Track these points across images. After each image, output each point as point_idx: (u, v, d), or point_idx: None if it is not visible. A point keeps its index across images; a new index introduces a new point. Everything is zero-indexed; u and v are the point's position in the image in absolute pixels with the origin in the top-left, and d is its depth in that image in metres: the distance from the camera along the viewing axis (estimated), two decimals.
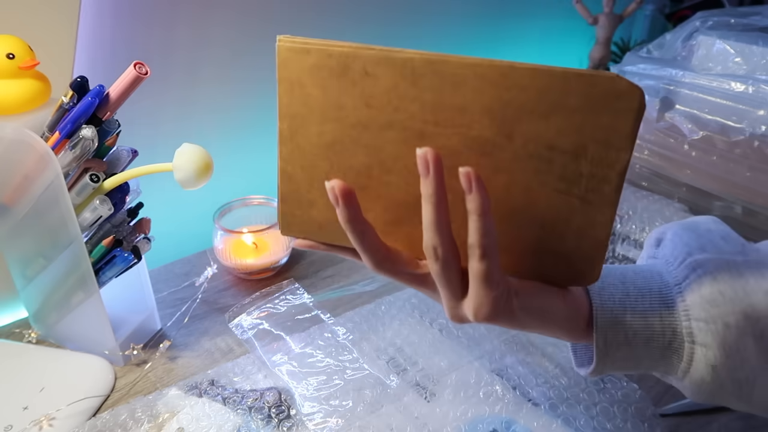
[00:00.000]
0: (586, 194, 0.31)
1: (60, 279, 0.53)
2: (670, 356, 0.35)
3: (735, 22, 0.80)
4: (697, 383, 0.35)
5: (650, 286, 0.36)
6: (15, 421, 0.48)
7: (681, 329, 0.35)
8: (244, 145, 0.82)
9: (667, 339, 0.35)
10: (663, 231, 0.40)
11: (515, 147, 0.31)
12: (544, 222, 0.33)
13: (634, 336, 0.35)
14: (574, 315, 0.36)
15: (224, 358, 0.57)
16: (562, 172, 0.31)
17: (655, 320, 0.35)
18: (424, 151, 0.29)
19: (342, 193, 0.31)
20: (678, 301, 0.35)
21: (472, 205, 0.29)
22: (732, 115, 0.72)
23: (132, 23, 0.65)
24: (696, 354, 0.34)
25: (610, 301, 0.36)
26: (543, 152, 0.30)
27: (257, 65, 0.77)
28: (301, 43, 0.32)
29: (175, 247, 0.73)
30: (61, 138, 0.46)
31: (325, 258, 0.74)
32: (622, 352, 0.36)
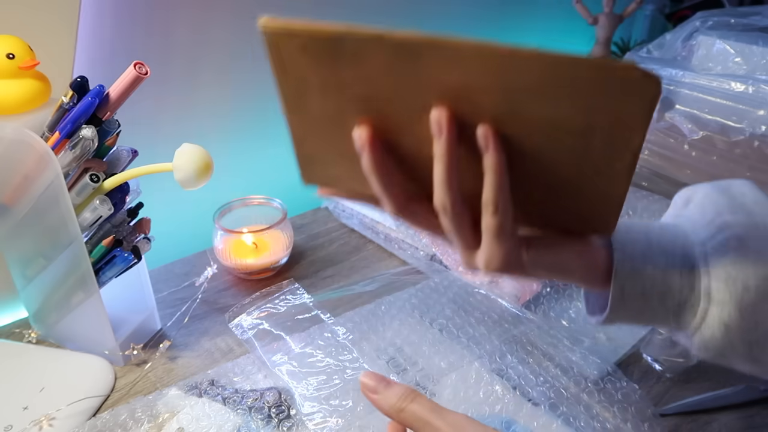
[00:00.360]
0: (598, 168, 0.30)
1: (60, 279, 0.53)
2: (684, 313, 0.36)
3: (735, 22, 0.80)
4: (707, 340, 0.35)
5: (674, 243, 0.36)
6: (15, 421, 0.48)
7: (699, 287, 0.35)
8: (244, 145, 0.82)
9: (684, 295, 0.35)
10: (693, 191, 0.40)
11: (521, 124, 0.29)
12: (558, 184, 0.32)
13: (651, 289, 0.35)
14: (590, 267, 0.36)
15: (224, 358, 0.57)
16: (571, 149, 0.30)
17: (674, 276, 0.35)
18: (438, 114, 0.30)
19: (368, 142, 0.32)
20: (700, 259, 0.35)
21: (489, 161, 0.30)
22: (732, 115, 0.72)
23: (132, 23, 0.65)
24: (710, 312, 0.34)
25: (632, 254, 0.36)
26: (550, 131, 0.29)
27: (257, 65, 0.77)
28: (284, 26, 0.30)
29: (175, 247, 0.73)
30: (61, 138, 0.46)
31: (325, 258, 0.74)
32: (636, 304, 0.36)
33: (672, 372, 0.55)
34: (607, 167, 0.30)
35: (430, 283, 0.66)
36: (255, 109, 0.80)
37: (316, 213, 0.84)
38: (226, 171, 0.73)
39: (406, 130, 0.32)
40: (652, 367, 0.56)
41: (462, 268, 0.67)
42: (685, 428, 0.50)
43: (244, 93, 0.78)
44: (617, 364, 0.56)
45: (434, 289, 0.65)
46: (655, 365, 0.56)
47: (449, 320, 0.60)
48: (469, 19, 1.01)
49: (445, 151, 0.30)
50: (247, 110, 0.79)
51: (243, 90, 0.78)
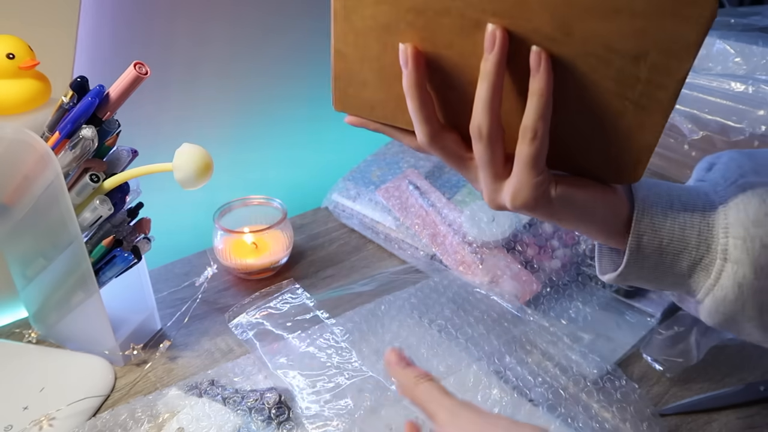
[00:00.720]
0: (640, 99, 0.31)
1: (60, 279, 0.53)
2: (698, 273, 0.36)
3: (735, 22, 0.80)
4: (719, 302, 0.35)
5: (695, 202, 0.36)
6: (15, 421, 0.48)
7: (716, 246, 0.35)
8: (244, 145, 0.82)
9: (700, 254, 0.35)
10: (718, 156, 0.40)
11: (573, 44, 0.30)
12: (594, 119, 0.32)
13: (669, 245, 0.36)
14: (612, 215, 0.36)
15: (224, 358, 0.57)
16: (618, 74, 0.30)
17: (692, 234, 0.35)
18: (494, 27, 0.30)
19: (413, 55, 0.32)
20: (720, 218, 0.35)
21: (536, 85, 0.30)
22: (732, 115, 0.72)
23: (132, 23, 0.65)
24: (725, 271, 0.34)
25: (652, 209, 0.36)
26: (601, 52, 0.30)
27: (257, 65, 0.77)
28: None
29: (175, 247, 0.73)
30: (61, 138, 0.46)
31: (325, 258, 0.74)
32: (652, 260, 0.36)
33: (672, 372, 0.55)
34: (649, 98, 0.31)
35: (429, 282, 0.66)
36: (255, 109, 0.80)
37: (316, 213, 0.84)
38: (226, 171, 0.73)
39: (451, 49, 0.32)
40: (652, 367, 0.56)
41: (462, 268, 0.67)
42: (685, 428, 0.50)
43: (244, 93, 0.78)
44: (617, 364, 0.56)
45: (434, 288, 0.64)
46: (655, 365, 0.56)
47: (448, 321, 0.60)
48: None
49: (494, 68, 0.31)
50: (247, 110, 0.79)
51: (243, 90, 0.78)
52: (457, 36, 0.32)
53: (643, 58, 0.29)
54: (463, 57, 0.33)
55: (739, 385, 0.54)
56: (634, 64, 0.30)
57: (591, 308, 0.63)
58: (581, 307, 0.63)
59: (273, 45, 0.77)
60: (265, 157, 0.85)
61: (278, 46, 0.77)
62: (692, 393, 0.53)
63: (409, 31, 0.33)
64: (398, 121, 0.37)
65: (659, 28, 0.28)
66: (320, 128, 0.87)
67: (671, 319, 0.58)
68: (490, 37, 0.30)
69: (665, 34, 0.28)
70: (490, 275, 0.65)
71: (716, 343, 0.56)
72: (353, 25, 0.34)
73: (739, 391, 0.53)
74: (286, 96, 0.82)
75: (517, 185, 0.34)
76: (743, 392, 0.53)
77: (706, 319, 0.38)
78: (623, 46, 0.29)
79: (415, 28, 0.32)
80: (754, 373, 0.55)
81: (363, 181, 0.81)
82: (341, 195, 0.81)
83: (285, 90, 0.81)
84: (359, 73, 0.36)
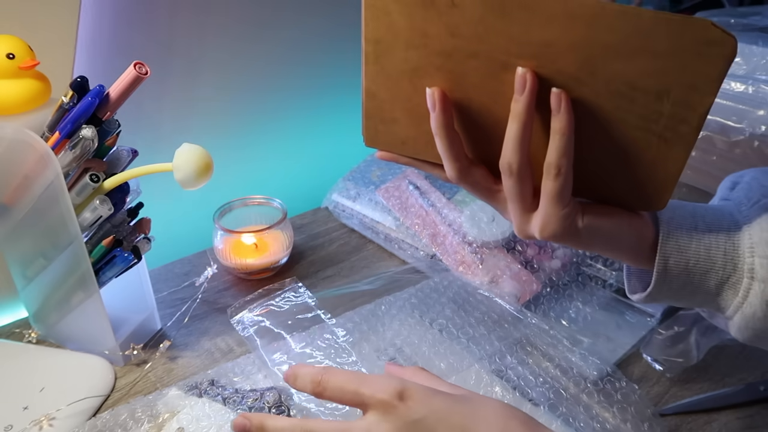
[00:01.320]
0: (664, 132, 0.31)
1: (60, 279, 0.53)
2: (726, 291, 0.36)
3: (735, 22, 0.80)
4: (748, 318, 0.36)
5: (719, 223, 0.37)
6: (15, 421, 0.48)
7: (743, 265, 0.35)
8: (244, 145, 0.82)
9: (726, 273, 0.36)
10: (741, 175, 0.41)
11: (597, 83, 0.31)
12: (619, 152, 0.33)
13: (695, 266, 0.36)
14: (638, 240, 0.37)
15: (224, 358, 0.57)
16: (642, 110, 0.31)
17: (718, 254, 0.36)
18: (524, 71, 0.31)
19: (440, 98, 0.33)
20: (745, 238, 0.36)
21: (558, 124, 0.31)
22: (732, 115, 0.72)
23: (132, 23, 0.65)
24: (753, 289, 0.35)
25: (678, 231, 0.37)
26: (625, 90, 0.31)
27: (257, 64, 0.77)
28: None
29: (175, 247, 0.73)
30: (61, 138, 0.46)
31: (325, 258, 0.74)
32: (679, 281, 0.37)
33: (672, 372, 0.55)
34: (672, 131, 0.31)
35: (429, 282, 0.66)
36: (255, 108, 0.80)
37: (316, 213, 0.84)
38: (226, 171, 0.73)
39: (479, 90, 0.34)
40: (652, 367, 0.56)
41: (462, 268, 0.67)
42: (685, 428, 0.50)
43: (244, 93, 0.78)
44: (617, 364, 0.56)
45: (434, 288, 0.65)
46: (655, 365, 0.56)
47: (449, 320, 0.60)
48: None
49: (524, 109, 0.32)
50: (247, 110, 0.79)
51: (243, 90, 0.78)
52: (485, 78, 0.33)
53: (666, 95, 0.30)
54: (490, 97, 0.34)
55: (739, 385, 0.54)
56: (657, 100, 0.30)
57: (591, 308, 0.63)
58: (581, 307, 0.63)
59: (273, 45, 0.77)
60: (265, 157, 0.85)
61: (278, 46, 0.77)
62: (692, 393, 0.53)
63: (437, 74, 0.34)
64: (429, 156, 0.38)
65: (681, 66, 0.29)
66: (320, 128, 0.87)
67: (671, 319, 0.58)
68: (521, 80, 0.31)
69: (687, 72, 0.29)
70: (490, 275, 0.65)
71: (716, 343, 0.56)
72: (384, 67, 0.35)
73: (739, 391, 0.53)
74: (286, 96, 0.82)
75: (545, 218, 0.35)
76: (743, 392, 0.53)
77: (737, 335, 0.38)
78: (646, 84, 0.30)
79: (443, 71, 0.34)
80: (754, 373, 0.55)
81: (363, 181, 0.81)
82: (341, 195, 0.81)
83: (285, 90, 0.81)
84: (390, 112, 0.37)
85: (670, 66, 0.29)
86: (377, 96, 0.37)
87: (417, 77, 0.35)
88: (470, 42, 0.32)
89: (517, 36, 0.31)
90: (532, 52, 0.31)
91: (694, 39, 0.28)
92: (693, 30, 0.28)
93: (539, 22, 0.30)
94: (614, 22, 0.29)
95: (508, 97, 0.32)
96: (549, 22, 0.30)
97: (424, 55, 0.33)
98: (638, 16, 0.28)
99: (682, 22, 0.28)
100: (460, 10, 0.31)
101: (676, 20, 0.28)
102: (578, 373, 0.54)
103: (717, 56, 0.28)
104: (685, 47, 0.28)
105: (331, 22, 0.81)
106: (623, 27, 0.29)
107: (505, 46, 0.31)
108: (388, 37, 0.34)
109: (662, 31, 0.28)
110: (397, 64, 0.35)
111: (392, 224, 0.74)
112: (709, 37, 0.28)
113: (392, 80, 0.36)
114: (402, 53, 0.34)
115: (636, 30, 0.28)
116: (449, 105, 0.34)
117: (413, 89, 0.35)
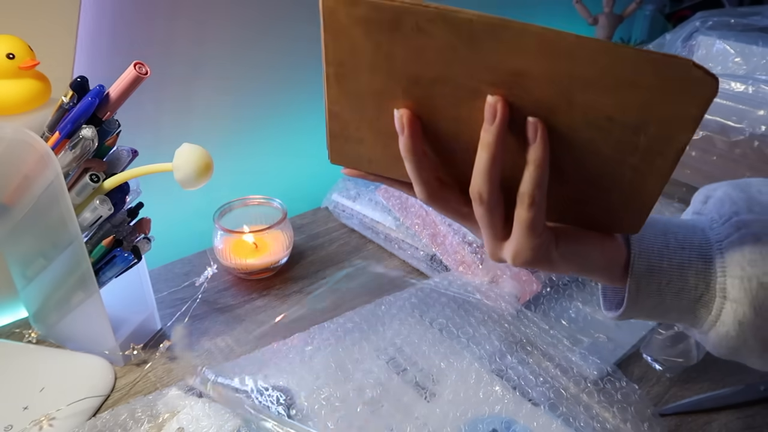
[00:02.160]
0: (640, 164, 0.31)
1: (60, 279, 0.53)
2: (699, 309, 0.36)
3: (735, 22, 0.80)
4: (721, 337, 0.36)
5: (691, 240, 0.36)
6: (15, 421, 0.48)
7: (715, 284, 0.35)
8: (244, 145, 0.82)
9: (699, 292, 0.36)
10: (714, 188, 0.40)
11: (573, 114, 0.30)
12: (593, 180, 0.32)
13: (667, 286, 0.36)
14: (611, 262, 0.37)
15: (224, 358, 0.57)
16: (618, 142, 0.30)
17: (690, 273, 0.36)
18: (495, 100, 0.29)
19: (409, 122, 0.32)
20: (717, 257, 0.35)
21: (533, 155, 0.30)
22: (732, 115, 0.72)
23: (132, 23, 0.65)
24: (725, 309, 0.35)
25: (649, 250, 0.36)
26: (602, 123, 0.29)
27: (257, 64, 0.77)
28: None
29: (175, 247, 0.73)
30: (61, 138, 0.46)
31: (325, 258, 0.74)
32: (652, 301, 0.37)
33: (672, 372, 0.55)
34: (648, 164, 0.31)
35: (430, 282, 0.66)
36: (255, 108, 0.80)
37: (316, 213, 0.84)
38: (226, 171, 0.73)
39: (448, 114, 0.32)
40: (652, 367, 0.57)
41: (462, 268, 0.67)
42: (685, 428, 0.50)
43: (244, 93, 0.78)
44: (617, 364, 0.56)
45: (434, 288, 0.65)
46: (655, 365, 0.56)
47: (449, 320, 0.60)
48: None
49: (495, 140, 0.30)
50: (247, 110, 0.79)
51: (243, 90, 0.78)
52: (454, 103, 0.31)
53: (644, 129, 0.29)
54: (461, 122, 0.32)
55: (739, 385, 0.54)
56: (634, 134, 0.30)
57: (591, 308, 0.63)
58: (581, 307, 0.64)
59: (273, 45, 0.77)
60: (265, 157, 0.85)
61: (278, 46, 0.77)
62: (692, 393, 0.53)
63: (404, 97, 0.32)
64: (397, 174, 0.36)
65: (661, 103, 0.28)
66: (320, 128, 0.87)
67: None
68: (491, 110, 0.30)
69: (666, 109, 0.28)
70: (490, 275, 0.65)
71: None
72: (347, 89, 0.33)
73: (739, 391, 0.53)
74: (286, 96, 0.82)
75: (517, 247, 0.34)
76: (743, 392, 0.53)
77: (712, 351, 0.38)
78: (624, 118, 0.29)
79: (410, 94, 0.32)
80: (754, 373, 0.55)
81: (363, 181, 0.81)
82: (341, 195, 0.81)
83: (285, 90, 0.81)
84: (356, 132, 0.36)
85: (650, 102, 0.28)
86: (341, 116, 0.35)
87: (383, 99, 0.33)
88: (438, 68, 0.30)
89: (488, 64, 0.29)
90: (503, 81, 0.29)
91: (675, 78, 0.27)
92: (674, 69, 0.27)
93: (512, 54, 0.28)
94: (594, 57, 0.27)
95: (479, 123, 0.31)
96: (522, 53, 0.28)
97: (389, 78, 0.31)
98: (618, 52, 0.27)
99: (664, 61, 0.27)
100: (428, 36, 0.29)
101: (657, 59, 0.27)
102: (578, 373, 0.54)
103: (698, 96, 0.27)
104: (666, 86, 0.27)
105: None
106: (603, 62, 0.27)
107: (474, 74, 0.29)
108: (351, 60, 0.31)
109: (643, 69, 0.27)
110: (361, 86, 0.33)
111: (392, 224, 0.74)
112: (691, 78, 0.27)
113: (357, 102, 0.34)
114: (366, 76, 0.32)
115: (616, 66, 0.27)
116: (418, 128, 0.32)
117: (379, 111, 0.33)
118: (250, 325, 0.62)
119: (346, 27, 0.30)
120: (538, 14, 1.13)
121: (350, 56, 0.31)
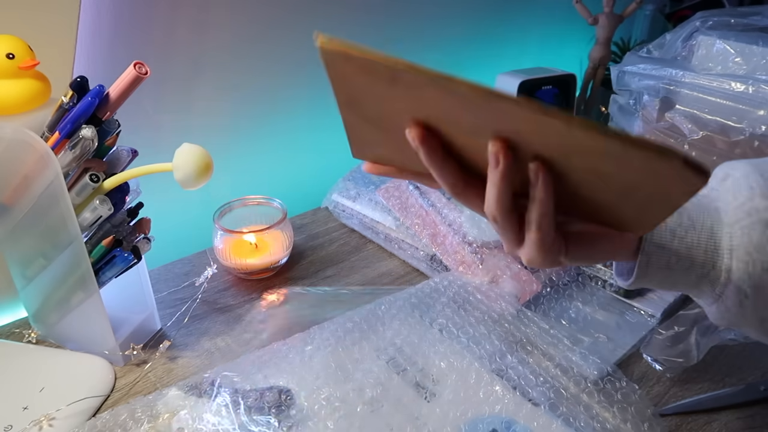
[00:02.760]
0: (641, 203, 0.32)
1: (60, 279, 0.53)
2: (705, 284, 0.38)
3: (735, 22, 0.80)
4: (723, 312, 0.38)
5: (703, 221, 0.38)
6: (15, 421, 0.48)
7: (721, 264, 0.37)
8: (244, 145, 0.82)
9: (705, 270, 0.38)
10: (733, 167, 0.41)
11: (572, 166, 0.31)
12: (603, 205, 0.34)
13: (677, 263, 0.38)
14: (621, 250, 0.39)
15: (224, 358, 0.57)
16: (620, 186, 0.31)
17: (699, 253, 0.38)
18: (496, 150, 0.31)
19: (422, 141, 0.33)
20: (726, 240, 0.37)
21: (536, 194, 0.32)
22: (732, 115, 0.72)
23: (131, 23, 0.65)
24: (728, 288, 0.37)
25: (661, 228, 0.38)
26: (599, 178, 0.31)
27: (257, 64, 0.77)
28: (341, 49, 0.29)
29: (175, 247, 0.73)
30: (61, 138, 0.46)
31: (325, 258, 0.74)
32: (661, 274, 0.39)
33: (672, 372, 0.55)
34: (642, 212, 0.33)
35: (430, 282, 0.66)
36: (255, 108, 0.80)
37: (316, 213, 0.84)
38: (226, 171, 0.73)
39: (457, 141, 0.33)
40: (652, 367, 0.57)
41: (462, 268, 0.67)
42: (685, 428, 0.50)
43: (244, 93, 0.78)
44: (617, 364, 0.56)
45: (434, 288, 0.65)
46: (655, 365, 0.56)
47: (449, 320, 0.60)
48: (469, 19, 1.01)
49: (500, 179, 0.32)
50: (247, 110, 0.79)
51: (243, 90, 0.78)
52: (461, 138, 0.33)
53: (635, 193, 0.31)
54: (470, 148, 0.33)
55: (739, 385, 0.54)
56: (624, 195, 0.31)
57: (591, 308, 0.63)
58: (581, 307, 0.63)
59: (273, 45, 0.77)
60: (265, 157, 0.85)
61: (278, 46, 0.77)
62: (692, 393, 0.53)
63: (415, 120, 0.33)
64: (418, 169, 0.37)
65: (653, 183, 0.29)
66: (320, 128, 0.87)
67: (671, 319, 0.58)
68: (493, 157, 0.31)
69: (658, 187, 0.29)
70: (490, 275, 0.65)
71: (716, 343, 0.56)
72: (359, 114, 0.34)
73: (739, 391, 0.53)
74: (286, 96, 0.82)
75: (530, 255, 0.36)
76: (743, 392, 0.53)
77: (713, 321, 0.41)
78: (615, 183, 0.30)
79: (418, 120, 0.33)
80: (754, 373, 0.55)
81: (363, 181, 0.81)
82: (341, 195, 0.81)
83: (285, 90, 0.81)
84: (374, 140, 0.37)
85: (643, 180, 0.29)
86: (356, 129, 0.36)
87: (394, 122, 0.34)
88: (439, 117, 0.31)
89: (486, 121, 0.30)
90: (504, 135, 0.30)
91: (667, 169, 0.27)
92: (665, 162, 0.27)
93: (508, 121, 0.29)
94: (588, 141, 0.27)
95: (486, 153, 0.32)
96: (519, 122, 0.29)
97: (397, 110, 0.32)
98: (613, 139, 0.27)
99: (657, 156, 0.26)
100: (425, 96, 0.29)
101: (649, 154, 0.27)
102: (578, 373, 0.54)
103: (688, 185, 0.28)
104: (657, 172, 0.28)
105: (332, 22, 0.81)
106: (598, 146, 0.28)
107: (475, 126, 0.31)
108: (359, 96, 0.33)
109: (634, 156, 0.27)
110: (372, 114, 0.34)
111: (392, 224, 0.74)
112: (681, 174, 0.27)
113: (370, 123, 0.35)
114: (375, 107, 0.33)
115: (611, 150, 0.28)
116: (433, 143, 0.33)
117: (394, 129, 0.34)
118: (250, 325, 0.62)
119: (347, 74, 0.31)
120: (538, 14, 1.13)
121: (357, 93, 0.32)
